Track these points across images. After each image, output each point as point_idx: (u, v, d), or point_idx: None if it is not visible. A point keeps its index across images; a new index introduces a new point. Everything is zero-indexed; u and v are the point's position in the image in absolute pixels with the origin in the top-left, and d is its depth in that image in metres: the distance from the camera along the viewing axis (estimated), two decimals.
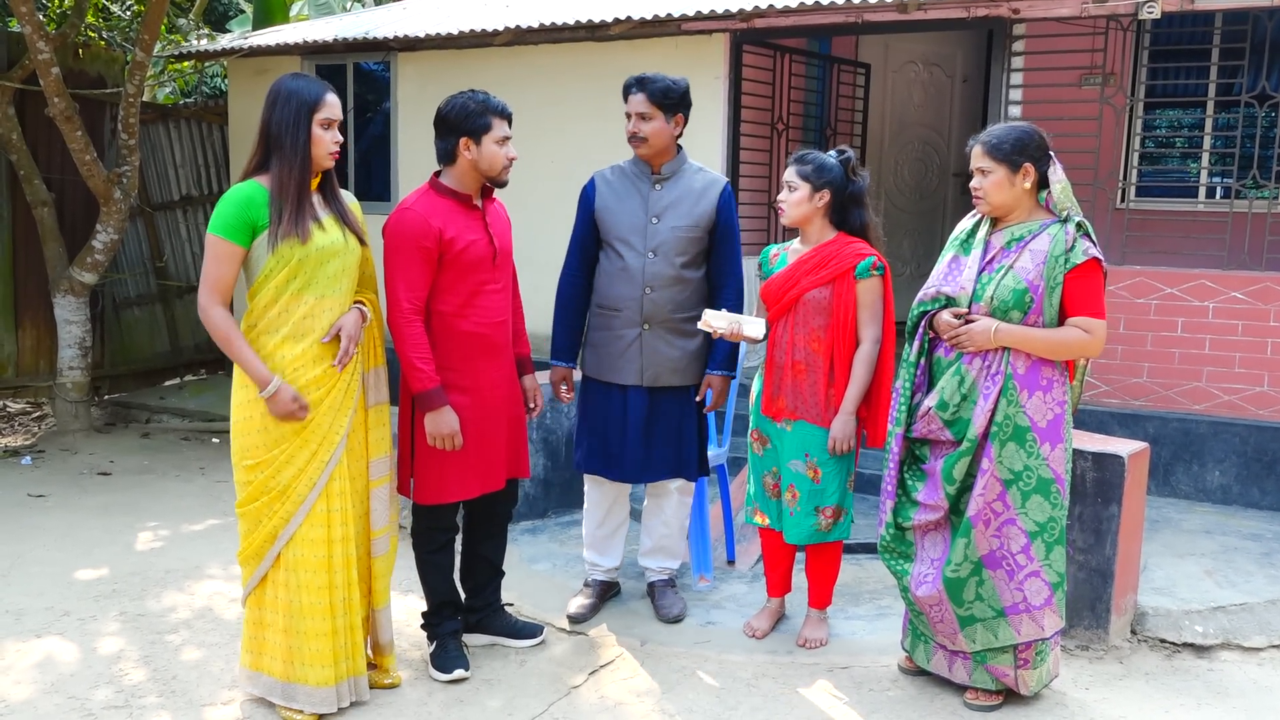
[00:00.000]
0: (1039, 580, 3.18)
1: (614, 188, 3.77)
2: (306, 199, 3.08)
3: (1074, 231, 3.10)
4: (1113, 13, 5.35)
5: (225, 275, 3.02)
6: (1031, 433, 3.13)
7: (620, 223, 3.71)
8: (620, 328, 3.72)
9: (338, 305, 3.12)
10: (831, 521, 3.61)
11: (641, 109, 3.63)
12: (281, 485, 3.09)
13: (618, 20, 6.18)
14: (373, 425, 3.26)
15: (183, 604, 4.12)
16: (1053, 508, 3.16)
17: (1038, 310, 3.10)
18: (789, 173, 3.62)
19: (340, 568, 3.15)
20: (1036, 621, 3.20)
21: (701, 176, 3.77)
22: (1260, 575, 4.35)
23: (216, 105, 8.58)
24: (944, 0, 5.45)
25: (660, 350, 3.70)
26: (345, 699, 3.19)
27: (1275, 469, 5.18)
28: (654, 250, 3.67)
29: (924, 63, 8.33)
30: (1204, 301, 5.32)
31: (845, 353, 3.58)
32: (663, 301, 3.68)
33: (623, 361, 3.73)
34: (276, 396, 3.00)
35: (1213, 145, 6.69)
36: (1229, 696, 3.49)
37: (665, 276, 3.67)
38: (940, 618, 3.30)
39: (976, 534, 3.18)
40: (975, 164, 3.21)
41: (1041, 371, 3.14)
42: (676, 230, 3.67)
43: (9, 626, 3.86)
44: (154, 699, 3.32)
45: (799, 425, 3.59)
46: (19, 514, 5.28)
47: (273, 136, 3.08)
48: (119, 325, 7.83)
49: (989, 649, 3.26)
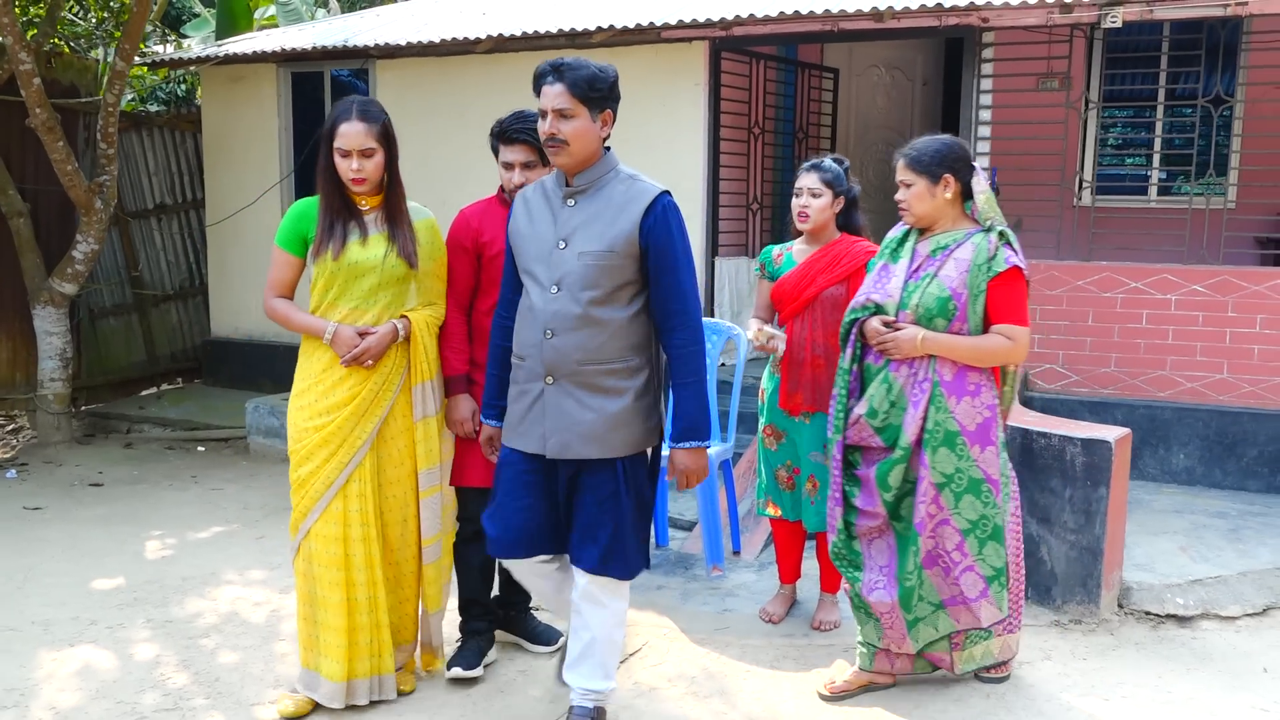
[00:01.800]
0: (974, 574, 3.27)
1: (530, 207, 3.03)
2: (340, 217, 3.21)
3: (996, 240, 3.19)
4: (1077, 22, 5.64)
5: (279, 278, 3.32)
6: (961, 437, 3.20)
7: (527, 250, 2.97)
8: (525, 380, 2.98)
9: (375, 319, 3.24)
10: None
11: (561, 104, 2.83)
12: (301, 478, 3.26)
13: (600, 29, 6.33)
14: (421, 438, 3.34)
15: (207, 609, 4.19)
16: (984, 506, 3.24)
17: (962, 317, 3.19)
18: (811, 180, 3.79)
19: (361, 567, 3.26)
20: (973, 613, 3.30)
21: (628, 186, 2.93)
22: (1230, 550, 4.65)
23: (189, 113, 8.55)
24: (917, 10, 5.69)
25: (568, 411, 2.90)
26: (362, 697, 3.29)
27: (1235, 451, 5.51)
28: (558, 283, 2.89)
29: (886, 67, 8.62)
30: (1167, 294, 5.64)
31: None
32: (568, 349, 2.88)
33: (525, 423, 2.97)
34: (336, 339, 3.20)
35: (1171, 145, 7.04)
36: (1213, 661, 3.77)
37: (569, 317, 2.87)
38: (891, 624, 3.37)
39: (921, 540, 3.27)
40: (899, 176, 3.29)
41: (968, 377, 3.21)
42: (585, 257, 2.86)
43: (39, 637, 3.90)
44: (202, 701, 3.41)
45: (818, 417, 3.75)
46: (19, 527, 5.27)
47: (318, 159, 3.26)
48: (95, 335, 7.78)
49: (930, 642, 3.38)
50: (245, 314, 8.09)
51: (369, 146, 3.18)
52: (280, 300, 3.32)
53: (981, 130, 6.02)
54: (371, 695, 3.32)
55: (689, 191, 6.58)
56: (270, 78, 7.73)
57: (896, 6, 5.68)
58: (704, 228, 6.62)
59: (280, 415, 6.59)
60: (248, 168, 7.89)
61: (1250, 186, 6.47)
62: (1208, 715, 3.37)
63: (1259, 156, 6.27)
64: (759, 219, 7.17)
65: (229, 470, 6.40)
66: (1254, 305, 5.49)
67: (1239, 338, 5.53)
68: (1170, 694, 3.51)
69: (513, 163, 3.36)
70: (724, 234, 6.82)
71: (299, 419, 3.28)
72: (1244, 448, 5.49)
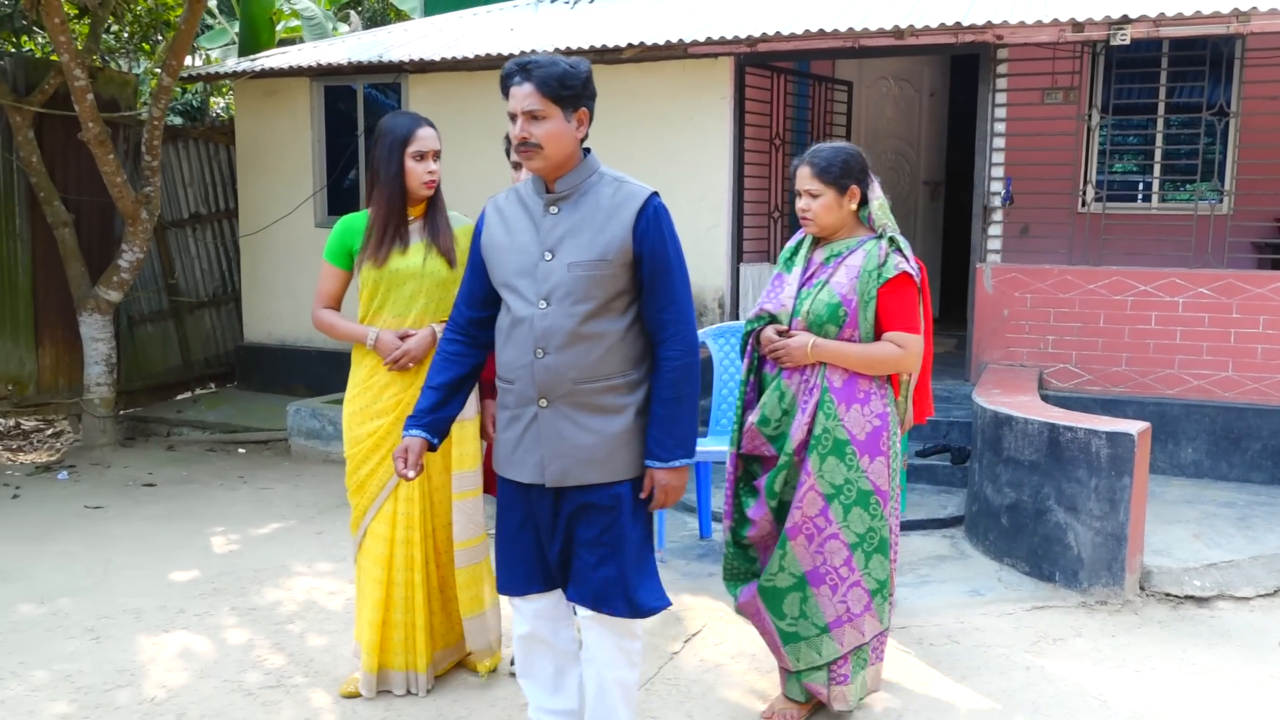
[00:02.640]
0: (860, 589, 3.22)
1: (505, 217, 2.81)
2: (393, 226, 3.40)
3: (887, 247, 3.17)
4: (1087, 39, 5.96)
5: (326, 290, 3.52)
6: (851, 445, 3.16)
7: (507, 263, 2.76)
8: (515, 405, 2.78)
9: (415, 323, 3.42)
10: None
11: (530, 105, 2.61)
12: (359, 480, 3.49)
13: (630, 45, 6.61)
14: (456, 441, 3.45)
15: (286, 599, 4.44)
16: (872, 519, 3.20)
17: (853, 324, 3.14)
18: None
19: (402, 568, 3.46)
20: (858, 628, 3.25)
21: (616, 189, 2.73)
22: (1240, 537, 4.96)
23: (222, 125, 8.78)
24: (936, 29, 5.99)
25: (566, 435, 2.71)
26: (398, 686, 3.49)
27: (1240, 445, 5.83)
28: (546, 298, 2.69)
29: (895, 78, 8.93)
30: (1174, 297, 5.95)
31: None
32: (562, 367, 2.68)
33: (519, 451, 2.77)
34: (379, 344, 3.38)
35: (1178, 155, 7.35)
36: (1232, 637, 4.07)
37: (562, 333, 2.67)
38: (762, 628, 3.32)
39: (794, 547, 3.20)
40: (804, 185, 3.21)
41: (858, 385, 3.17)
42: (575, 268, 2.67)
43: (133, 624, 4.14)
44: (301, 679, 3.66)
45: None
46: (85, 524, 5.50)
47: (374, 171, 3.43)
48: (133, 341, 8.00)
49: (811, 667, 3.30)
50: (278, 320, 8.33)
51: (439, 149, 3.44)
52: (326, 310, 3.51)
53: (996, 142, 6.33)
54: (408, 688, 3.50)
55: (716, 201, 6.88)
56: (304, 91, 7.97)
57: (917, 25, 5.98)
58: (729, 236, 6.91)
59: (320, 418, 6.85)
60: (280, 179, 8.13)
61: (1247, 194, 6.79)
62: (1232, 684, 3.67)
63: (1255, 166, 6.60)
64: (780, 226, 7.47)
65: (274, 471, 6.63)
66: (1257, 306, 5.81)
67: (1243, 337, 5.85)
68: (1196, 665, 3.80)
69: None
70: (748, 241, 7.11)
71: (353, 424, 3.48)
72: (1248, 442, 5.81)
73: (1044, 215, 6.88)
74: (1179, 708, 3.48)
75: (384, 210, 3.39)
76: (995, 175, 6.35)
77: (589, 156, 2.76)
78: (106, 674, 3.69)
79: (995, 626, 4.13)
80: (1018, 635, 4.05)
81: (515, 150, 2.70)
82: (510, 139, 3.24)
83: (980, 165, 6.38)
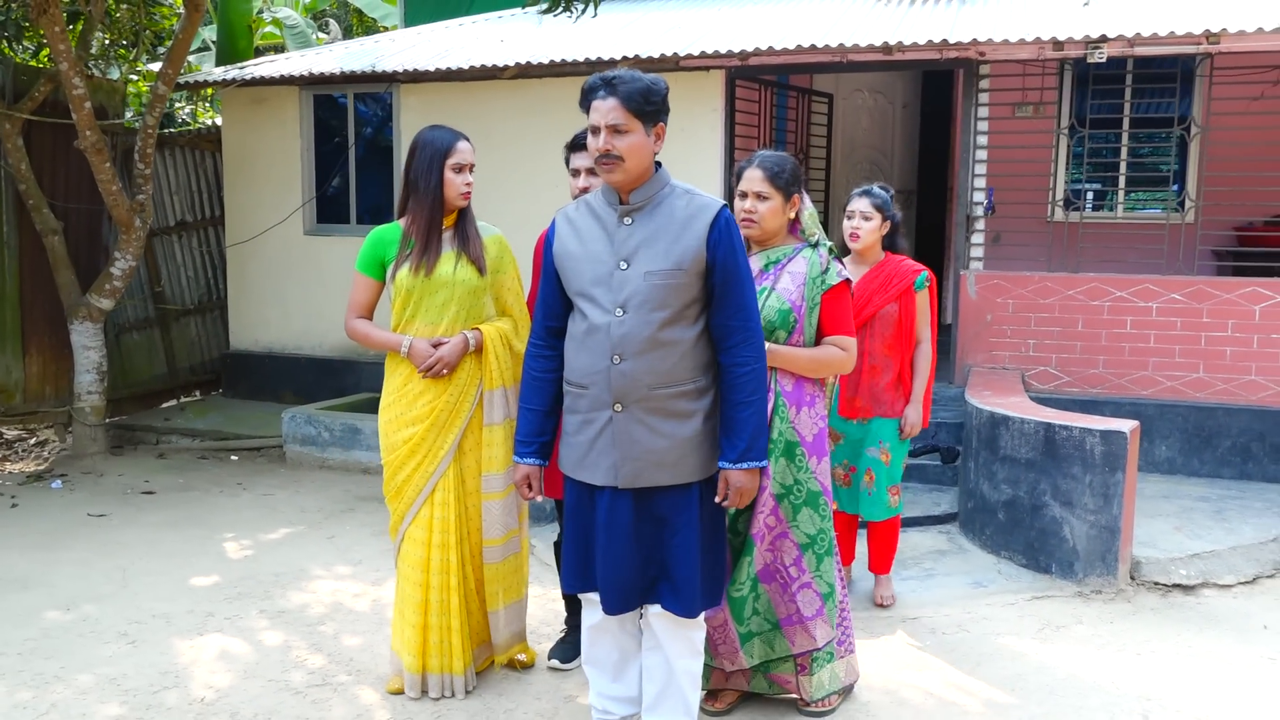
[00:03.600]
0: (810, 591, 3.28)
1: (576, 227, 2.93)
2: (433, 236, 3.51)
3: (827, 255, 3.31)
4: (1066, 56, 6.24)
5: (359, 300, 3.61)
6: (801, 447, 3.24)
7: (582, 272, 2.86)
8: (588, 410, 2.88)
9: (447, 330, 3.52)
10: (897, 498, 4.32)
11: (614, 119, 2.74)
12: (397, 485, 3.58)
13: (625, 58, 6.77)
14: (488, 443, 3.57)
15: (313, 601, 4.52)
16: (822, 520, 3.26)
17: (800, 329, 3.26)
18: (863, 204, 4.24)
19: (437, 571, 3.55)
20: (809, 632, 3.31)
21: (688, 201, 2.85)
22: (1218, 529, 5.24)
23: (209, 133, 8.78)
24: (922, 45, 6.23)
25: (639, 439, 2.82)
26: (434, 690, 3.56)
27: (1211, 442, 6.14)
28: (623, 305, 2.80)
29: (870, 90, 9.21)
30: (1148, 302, 6.25)
31: (908, 354, 4.31)
32: (638, 373, 2.79)
33: (593, 454, 2.88)
34: (412, 352, 3.47)
35: (1145, 167, 7.69)
36: (1219, 621, 4.33)
37: (639, 340, 2.78)
38: (723, 638, 3.31)
39: (757, 551, 3.24)
40: (754, 188, 3.25)
41: (805, 388, 3.28)
42: (652, 276, 2.78)
43: (165, 628, 4.20)
44: (345, 678, 3.75)
45: (875, 420, 4.25)
46: (92, 532, 5.51)
47: (411, 182, 3.53)
48: (119, 349, 7.97)
49: (768, 660, 3.38)
50: (266, 327, 8.35)
51: (474, 163, 3.58)
52: (360, 320, 3.59)
53: (979, 154, 6.59)
54: (443, 691, 3.55)
55: None
56: (293, 100, 8.02)
57: (905, 42, 6.22)
58: None
59: (316, 424, 6.90)
60: (269, 187, 8.16)
61: (1212, 205, 7.13)
62: (1225, 665, 3.92)
63: (1218, 179, 6.94)
64: None
65: (272, 478, 6.67)
66: (1225, 311, 6.13)
67: (1213, 340, 6.16)
68: (1191, 649, 4.05)
69: (579, 169, 3.53)
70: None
71: (389, 431, 3.57)
72: (1219, 439, 6.12)
73: (1019, 224, 7.16)
74: (1182, 687, 3.72)
75: (425, 220, 3.50)
76: (978, 185, 6.61)
77: (660, 169, 2.87)
78: (150, 676, 3.75)
79: (1001, 616, 4.35)
80: (1022, 624, 4.27)
81: (596, 163, 2.81)
82: (575, 147, 3.45)
83: (964, 176, 6.64)
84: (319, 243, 8.12)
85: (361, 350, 8.04)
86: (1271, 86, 6.36)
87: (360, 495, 6.19)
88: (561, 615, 4.23)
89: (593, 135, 2.79)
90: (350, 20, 13.89)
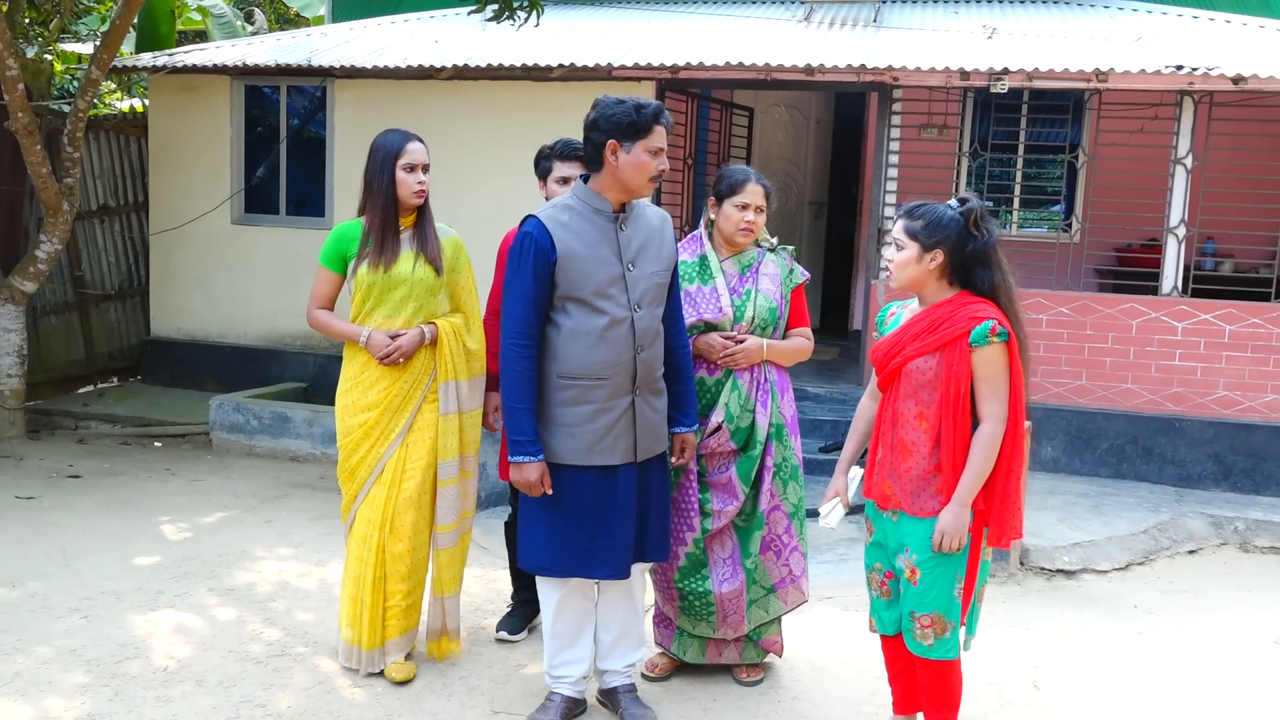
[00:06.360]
0: (799, 554, 3.71)
1: (574, 231, 3.13)
2: (388, 233, 3.71)
3: (790, 257, 3.75)
4: (971, 85, 6.76)
5: (321, 292, 3.80)
6: (786, 429, 3.67)
7: (595, 273, 3.12)
8: (606, 400, 3.16)
9: (404, 324, 3.71)
10: (930, 633, 3.05)
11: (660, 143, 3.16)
12: (351, 466, 3.78)
13: (560, 65, 7.04)
14: (442, 431, 3.73)
15: (259, 580, 4.67)
16: (800, 489, 3.70)
17: (779, 325, 3.68)
18: (896, 228, 3.09)
19: (376, 549, 3.74)
20: (799, 588, 3.72)
21: (651, 210, 3.30)
22: (1095, 521, 5.80)
23: (135, 117, 8.70)
24: (842, 68, 6.67)
25: (647, 417, 3.26)
26: (361, 665, 3.72)
27: (1091, 444, 6.73)
28: (639, 303, 3.17)
29: (786, 106, 9.66)
30: (1039, 315, 6.81)
31: (956, 433, 2.97)
32: (653, 361, 3.25)
33: (611, 438, 3.18)
34: (370, 342, 3.66)
35: (1036, 189, 8.30)
36: (1097, 602, 4.85)
37: (652, 332, 3.23)
38: (734, 609, 3.63)
39: (766, 526, 3.65)
40: (756, 201, 3.60)
41: (785, 376, 3.73)
42: (655, 276, 3.21)
43: (116, 604, 4.30)
44: (303, 649, 3.94)
45: (903, 518, 3.08)
46: (24, 514, 5.52)
47: (367, 183, 3.74)
48: (36, 333, 7.86)
49: (761, 625, 3.73)
50: (190, 315, 8.34)
51: (428, 163, 3.76)
52: (321, 311, 3.79)
53: (890, 171, 7.06)
54: (365, 668, 3.70)
55: None
56: (224, 89, 8.04)
57: (827, 65, 6.65)
58: None
59: (245, 412, 6.98)
60: (196, 175, 8.16)
61: (1098, 227, 7.78)
62: (1102, 638, 4.41)
63: (1102, 203, 7.58)
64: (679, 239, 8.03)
65: (199, 464, 6.72)
66: (1107, 325, 6.72)
67: (1095, 351, 6.76)
68: (1073, 624, 4.55)
69: (569, 176, 3.80)
70: None
71: (345, 416, 3.77)
72: (1098, 442, 6.72)
73: None
74: (1065, 657, 4.19)
75: (379, 218, 3.69)
76: (889, 201, 7.08)
77: None
78: (110, 648, 3.87)
79: None
80: None
81: (652, 180, 3.15)
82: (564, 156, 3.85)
83: (876, 191, 7.11)
84: (247, 232, 8.16)
85: (286, 340, 8.11)
86: (1150, 121, 6.99)
87: (293, 482, 6.31)
88: (502, 594, 4.49)
89: (652, 157, 3.12)
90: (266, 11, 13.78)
